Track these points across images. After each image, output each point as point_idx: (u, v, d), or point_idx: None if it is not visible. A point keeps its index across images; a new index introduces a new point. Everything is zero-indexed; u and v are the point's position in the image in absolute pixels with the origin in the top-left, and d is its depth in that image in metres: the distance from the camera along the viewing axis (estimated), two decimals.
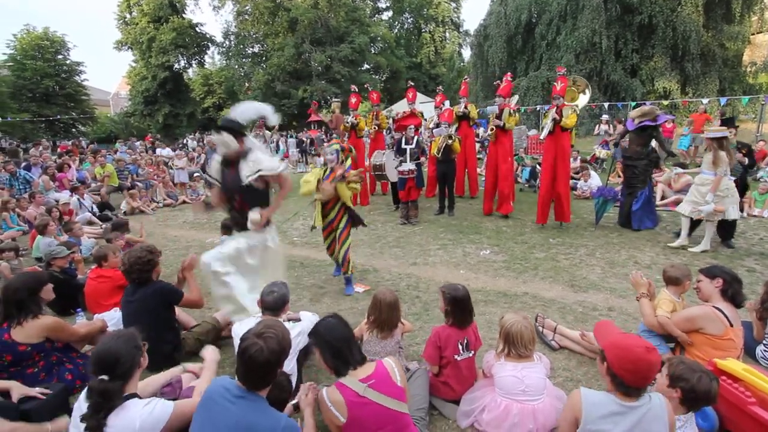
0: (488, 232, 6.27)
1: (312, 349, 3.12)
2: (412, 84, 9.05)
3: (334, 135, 18.53)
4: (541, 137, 6.38)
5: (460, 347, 2.49)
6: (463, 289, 2.55)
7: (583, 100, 7.15)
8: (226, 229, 4.51)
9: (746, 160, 4.46)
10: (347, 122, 8.17)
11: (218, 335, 3.36)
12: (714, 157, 4.81)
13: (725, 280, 2.65)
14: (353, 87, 8.75)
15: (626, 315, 3.56)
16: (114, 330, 1.98)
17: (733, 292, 2.63)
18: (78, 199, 8.18)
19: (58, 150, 15.67)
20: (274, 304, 2.58)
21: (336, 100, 9.40)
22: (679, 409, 1.87)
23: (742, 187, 4.66)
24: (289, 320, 2.63)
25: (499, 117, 6.86)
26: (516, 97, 7.05)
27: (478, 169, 9.61)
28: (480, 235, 6.12)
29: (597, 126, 12.91)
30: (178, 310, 3.44)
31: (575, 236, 5.91)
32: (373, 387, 1.93)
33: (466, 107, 7.94)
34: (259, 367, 1.71)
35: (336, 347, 1.99)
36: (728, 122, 4.73)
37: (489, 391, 2.38)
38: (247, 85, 31.11)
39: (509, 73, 7.34)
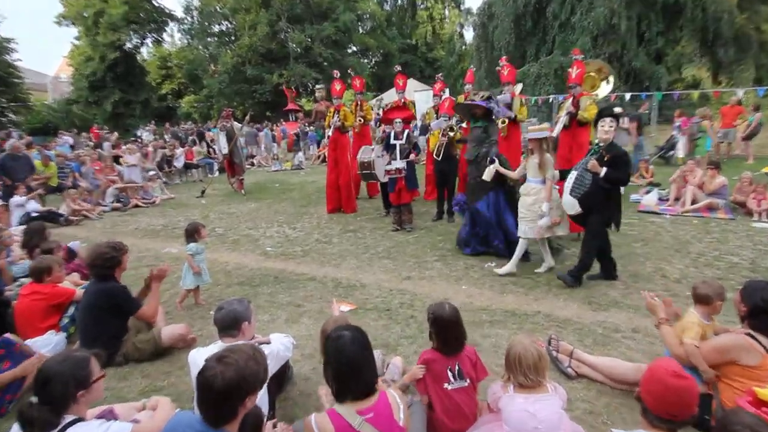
0: None
1: (287, 378, 3.12)
2: (400, 69, 9.07)
3: (312, 126, 18.47)
4: (555, 132, 6.44)
5: (450, 374, 2.47)
6: (451, 309, 2.55)
7: (605, 89, 7.22)
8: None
9: (600, 171, 4.19)
10: (334, 122, 8.13)
11: (156, 351, 3.55)
12: (540, 160, 4.70)
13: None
14: (335, 72, 8.74)
15: (652, 337, 3.59)
16: (73, 349, 2.20)
17: None
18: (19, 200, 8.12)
19: None
20: (221, 321, 2.58)
21: (320, 86, 9.39)
22: None
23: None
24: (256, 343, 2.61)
25: (509, 107, 6.90)
26: (520, 86, 7.08)
27: None
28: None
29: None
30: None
31: None
32: (371, 422, 1.92)
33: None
34: (213, 397, 1.72)
35: (340, 370, 1.98)
36: (606, 113, 4.54)
37: (496, 427, 2.37)
38: (212, 68, 30.99)
39: (504, 57, 7.42)
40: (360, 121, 8.69)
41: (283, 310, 4.34)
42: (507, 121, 6.85)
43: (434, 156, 7.09)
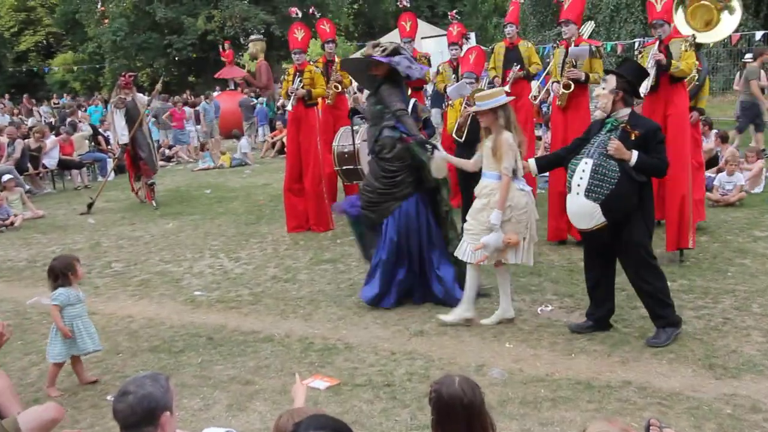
0: (553, 272, 6.31)
1: None
2: (407, 5, 9.14)
3: (258, 98, 18.38)
4: (641, 94, 6.45)
5: None
6: (462, 383, 2.50)
7: (728, 25, 6.80)
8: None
9: (630, 156, 4.33)
10: (295, 90, 8.05)
11: None
12: (495, 144, 4.79)
13: None
14: (293, 11, 8.76)
15: None
16: None
17: None
18: None
19: None
20: (127, 413, 2.52)
21: (255, 37, 9.41)
22: None
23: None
24: None
25: (575, 64, 6.92)
26: (590, 25, 7.09)
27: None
28: (539, 277, 6.14)
29: (738, 72, 13.20)
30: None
31: (713, 275, 5.97)
32: None
33: (514, 45, 8.00)
34: None
35: None
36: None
37: None
38: (100, 8, 31.02)
39: None
40: (335, 88, 8.70)
41: (224, 391, 4.31)
42: (572, 86, 6.85)
43: (454, 138, 7.12)
